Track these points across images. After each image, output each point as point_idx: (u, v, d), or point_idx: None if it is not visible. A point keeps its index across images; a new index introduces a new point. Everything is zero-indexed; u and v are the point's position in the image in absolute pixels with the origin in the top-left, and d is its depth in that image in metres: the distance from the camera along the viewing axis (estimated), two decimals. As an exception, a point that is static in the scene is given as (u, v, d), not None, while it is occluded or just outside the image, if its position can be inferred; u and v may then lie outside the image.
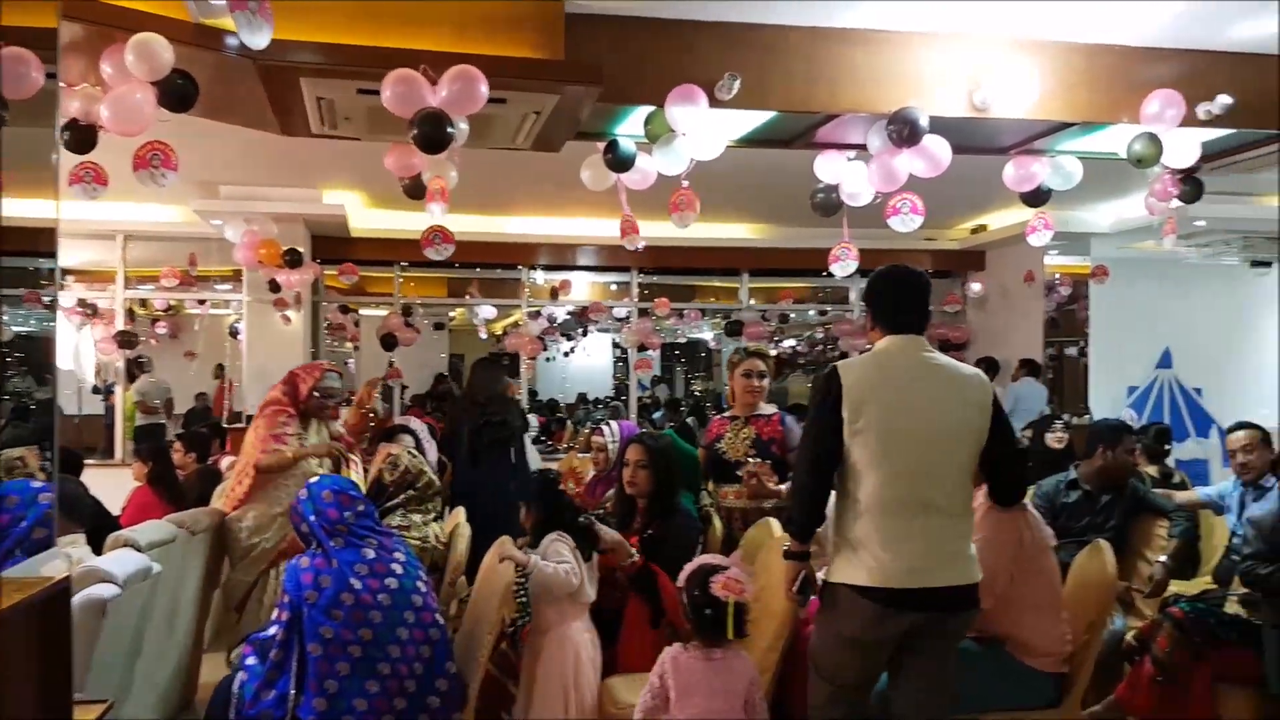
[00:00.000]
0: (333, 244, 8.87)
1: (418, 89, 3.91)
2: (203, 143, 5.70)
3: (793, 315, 12.14)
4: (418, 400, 10.57)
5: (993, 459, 3.03)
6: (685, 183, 4.66)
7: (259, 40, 3.47)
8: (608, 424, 4.89)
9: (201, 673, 4.27)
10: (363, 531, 3.39)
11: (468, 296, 10.72)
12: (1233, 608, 4.05)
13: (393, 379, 9.63)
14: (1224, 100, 4.45)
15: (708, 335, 14.64)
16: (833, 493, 3.00)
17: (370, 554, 3.33)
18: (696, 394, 15.48)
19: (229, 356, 10.20)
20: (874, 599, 2.87)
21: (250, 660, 3.28)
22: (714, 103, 4.32)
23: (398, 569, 3.34)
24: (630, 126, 4.78)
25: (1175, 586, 4.80)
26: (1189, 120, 4.51)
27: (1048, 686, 3.51)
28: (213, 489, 5.33)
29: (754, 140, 5.17)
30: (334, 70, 4.08)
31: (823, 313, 11.92)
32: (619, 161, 4.75)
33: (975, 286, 10.45)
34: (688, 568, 3.21)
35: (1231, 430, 5.08)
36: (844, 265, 5.43)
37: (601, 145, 4.81)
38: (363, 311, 10.92)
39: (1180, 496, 5.24)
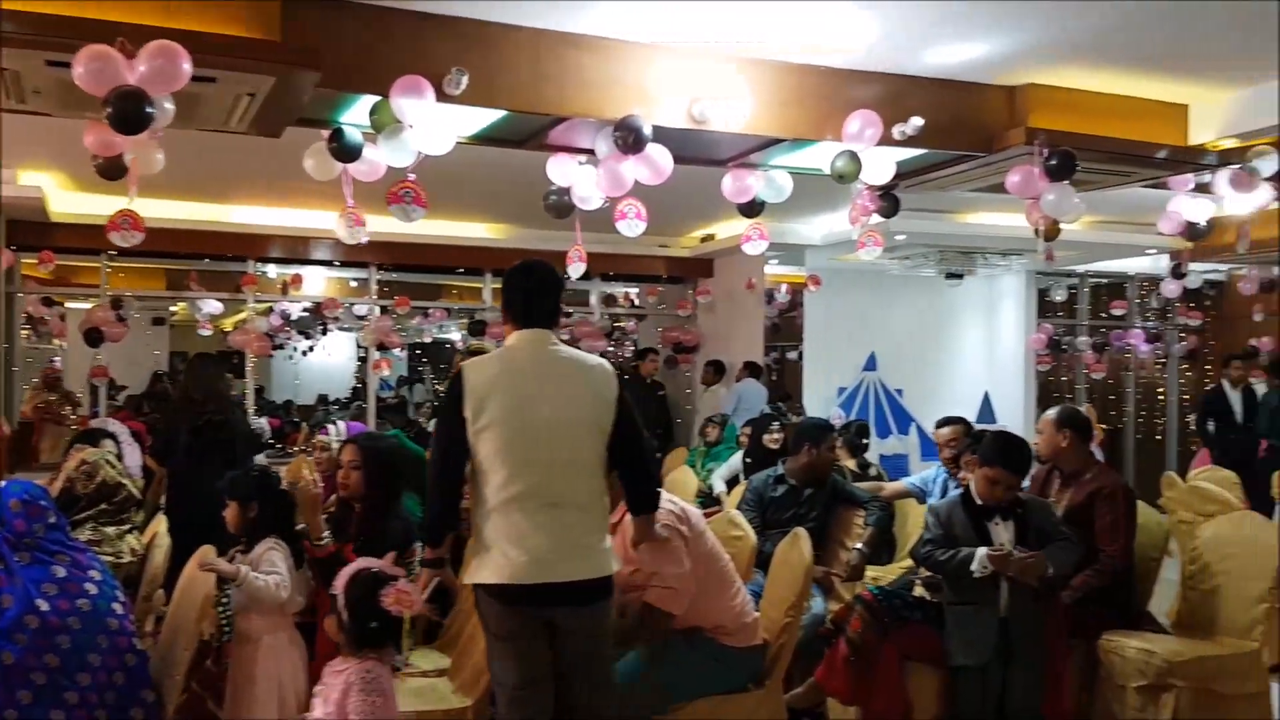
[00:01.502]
0: (30, 229, 8.05)
1: (113, 64, 3.60)
2: None
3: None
4: (132, 401, 9.81)
5: (618, 453, 3.07)
6: (411, 175, 4.57)
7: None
8: (333, 423, 4.71)
9: None
10: (53, 547, 3.11)
11: (187, 289, 10.03)
12: (919, 590, 4.42)
13: (97, 378, 8.84)
14: (916, 122, 4.86)
15: (456, 335, 14.48)
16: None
17: (61, 572, 3.05)
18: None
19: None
20: (505, 596, 2.89)
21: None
22: (442, 97, 4.26)
23: (92, 589, 3.08)
24: (357, 115, 4.64)
25: (873, 571, 5.21)
26: (886, 139, 4.89)
27: (752, 662, 3.70)
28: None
29: (487, 139, 5.14)
30: (17, 38, 3.69)
31: (567, 314, 12.06)
32: (344, 151, 4.59)
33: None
34: (346, 571, 3.03)
35: (940, 425, 5.58)
36: (576, 268, 5.52)
37: (326, 133, 4.65)
38: (70, 305, 9.98)
39: (890, 487, 5.69)
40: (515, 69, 4.49)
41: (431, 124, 4.31)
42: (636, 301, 12.23)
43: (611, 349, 12.10)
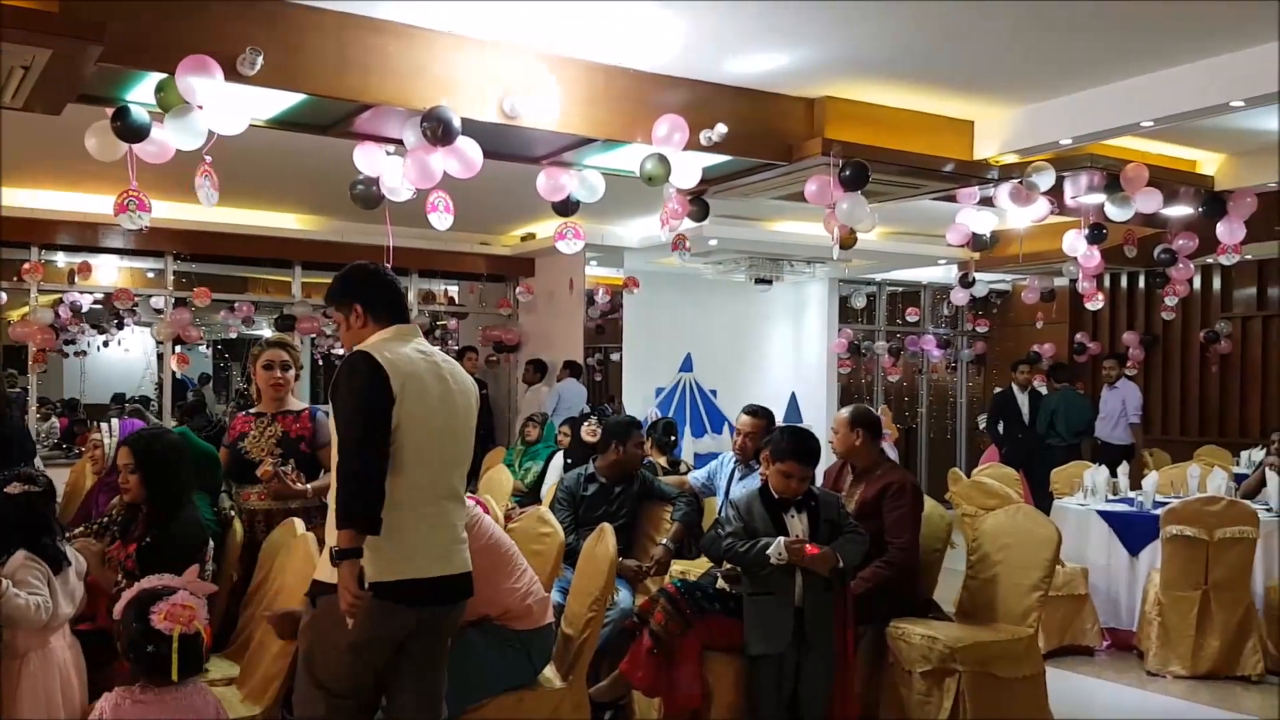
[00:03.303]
0: None
1: None
2: None
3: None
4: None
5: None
6: (208, 157, 4.35)
7: None
8: (106, 422, 4.40)
9: None
10: None
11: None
12: (721, 583, 4.51)
13: None
14: (721, 129, 5.00)
15: (266, 331, 13.86)
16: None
17: None
18: (246, 392, 14.55)
19: None
20: (394, 594, 2.79)
21: None
22: (234, 77, 4.07)
23: None
24: (143, 94, 4.38)
25: (682, 565, 5.29)
26: (693, 145, 5.01)
27: (542, 642, 3.70)
28: None
29: (288, 123, 4.95)
30: None
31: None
32: (129, 130, 4.32)
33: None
34: (126, 594, 2.83)
35: (744, 412, 5.70)
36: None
37: (110, 111, 4.37)
38: None
39: (675, 480, 5.79)
40: (317, 52, 4.35)
41: (223, 105, 4.12)
42: (457, 299, 12.06)
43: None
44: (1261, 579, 5.52)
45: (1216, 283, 10.35)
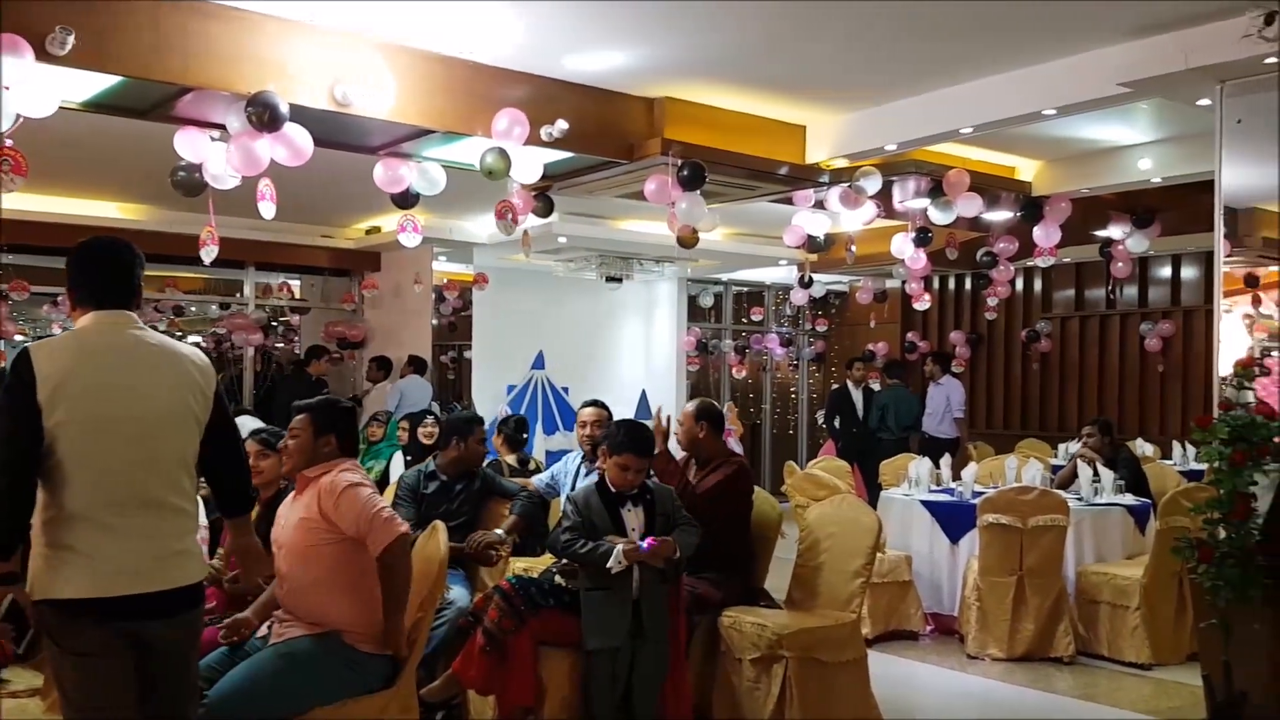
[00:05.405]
0: None
1: None
2: None
3: (193, 309, 11.37)
4: None
5: (209, 452, 2.85)
6: (9, 141, 4.08)
7: None
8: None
9: None
10: None
11: None
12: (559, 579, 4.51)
13: None
14: (562, 125, 5.00)
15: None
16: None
17: None
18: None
19: None
20: (90, 611, 2.60)
21: None
22: (44, 57, 3.84)
23: None
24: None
25: (525, 561, 5.26)
26: (534, 140, 4.99)
27: (386, 666, 3.62)
28: None
29: (104, 106, 4.70)
30: None
31: (224, 305, 11.29)
32: (-77, 110, 4.03)
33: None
34: None
35: (584, 405, 5.74)
36: (208, 251, 5.17)
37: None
38: None
39: (520, 482, 5.78)
40: (134, 33, 4.15)
41: (31, 86, 3.87)
42: (299, 294, 11.68)
43: (280, 345, 11.52)
44: (1073, 565, 5.83)
45: (1037, 284, 10.98)
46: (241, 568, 3.16)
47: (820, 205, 6.67)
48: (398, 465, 7.16)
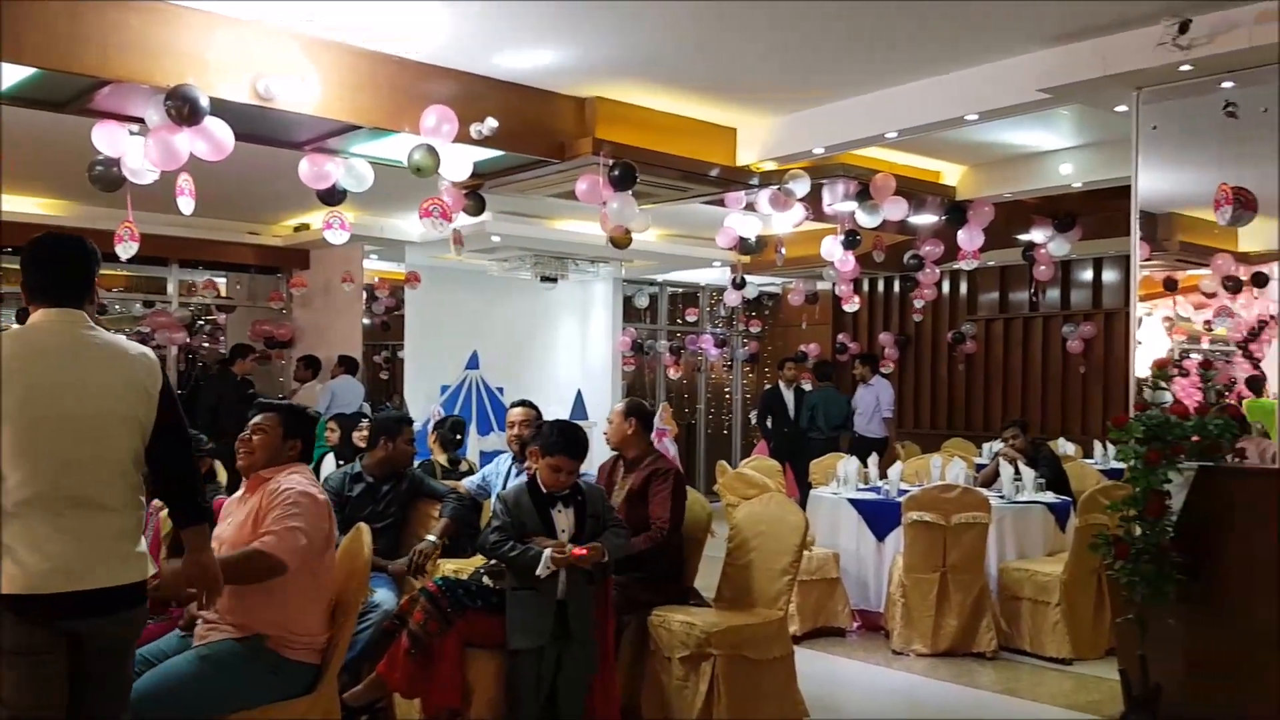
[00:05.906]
0: None
1: None
2: None
3: (118, 306, 11.09)
4: None
5: (158, 454, 2.82)
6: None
7: None
8: None
9: None
10: None
11: None
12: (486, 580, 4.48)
13: None
14: (491, 123, 4.97)
15: (12, 324, 12.70)
16: None
17: None
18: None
19: None
20: (23, 609, 2.58)
21: None
22: (-49, 47, 3.72)
23: None
24: None
25: (455, 563, 5.21)
26: (463, 137, 4.95)
27: (310, 673, 3.56)
28: None
29: (19, 99, 4.56)
30: None
31: (148, 304, 11.01)
32: None
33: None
34: None
35: (513, 405, 5.70)
36: (126, 248, 5.04)
37: None
38: None
39: (450, 483, 5.72)
40: (48, 24, 4.03)
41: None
42: (224, 292, 11.45)
43: (206, 344, 11.27)
44: (995, 561, 5.96)
45: (963, 287, 11.19)
46: (199, 589, 2.96)
47: (751, 207, 6.72)
48: (328, 467, 7.04)
